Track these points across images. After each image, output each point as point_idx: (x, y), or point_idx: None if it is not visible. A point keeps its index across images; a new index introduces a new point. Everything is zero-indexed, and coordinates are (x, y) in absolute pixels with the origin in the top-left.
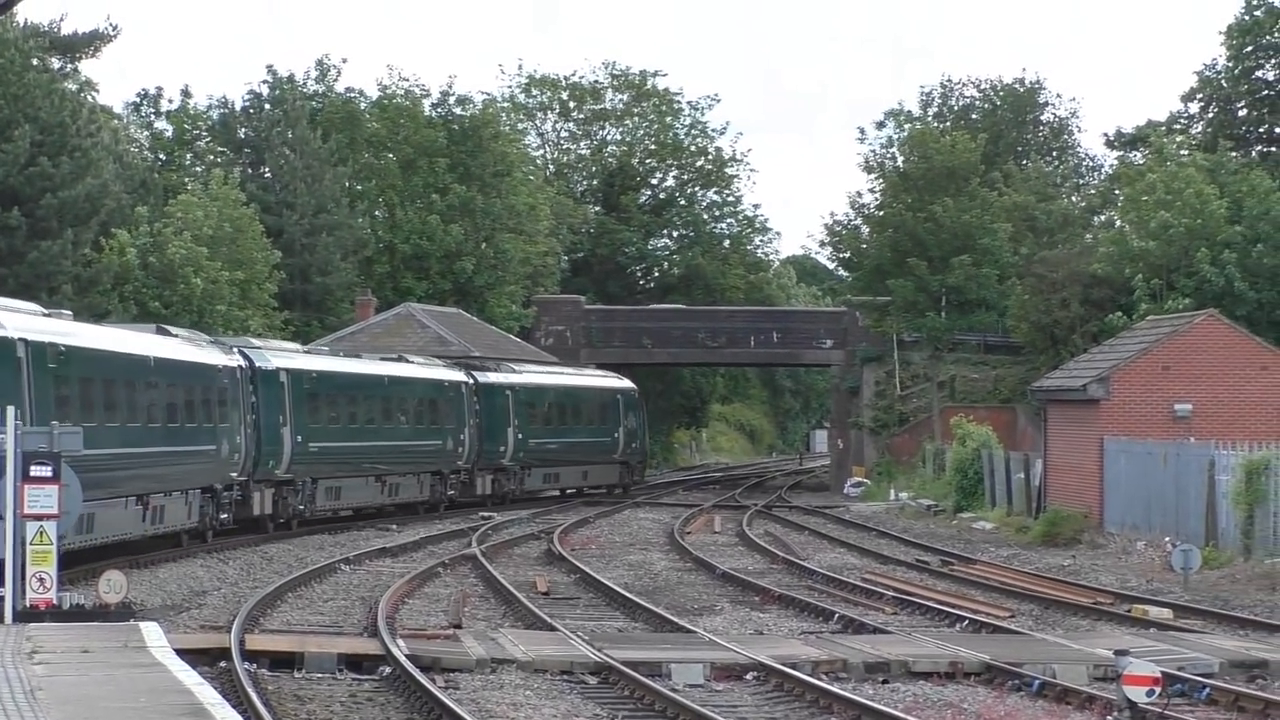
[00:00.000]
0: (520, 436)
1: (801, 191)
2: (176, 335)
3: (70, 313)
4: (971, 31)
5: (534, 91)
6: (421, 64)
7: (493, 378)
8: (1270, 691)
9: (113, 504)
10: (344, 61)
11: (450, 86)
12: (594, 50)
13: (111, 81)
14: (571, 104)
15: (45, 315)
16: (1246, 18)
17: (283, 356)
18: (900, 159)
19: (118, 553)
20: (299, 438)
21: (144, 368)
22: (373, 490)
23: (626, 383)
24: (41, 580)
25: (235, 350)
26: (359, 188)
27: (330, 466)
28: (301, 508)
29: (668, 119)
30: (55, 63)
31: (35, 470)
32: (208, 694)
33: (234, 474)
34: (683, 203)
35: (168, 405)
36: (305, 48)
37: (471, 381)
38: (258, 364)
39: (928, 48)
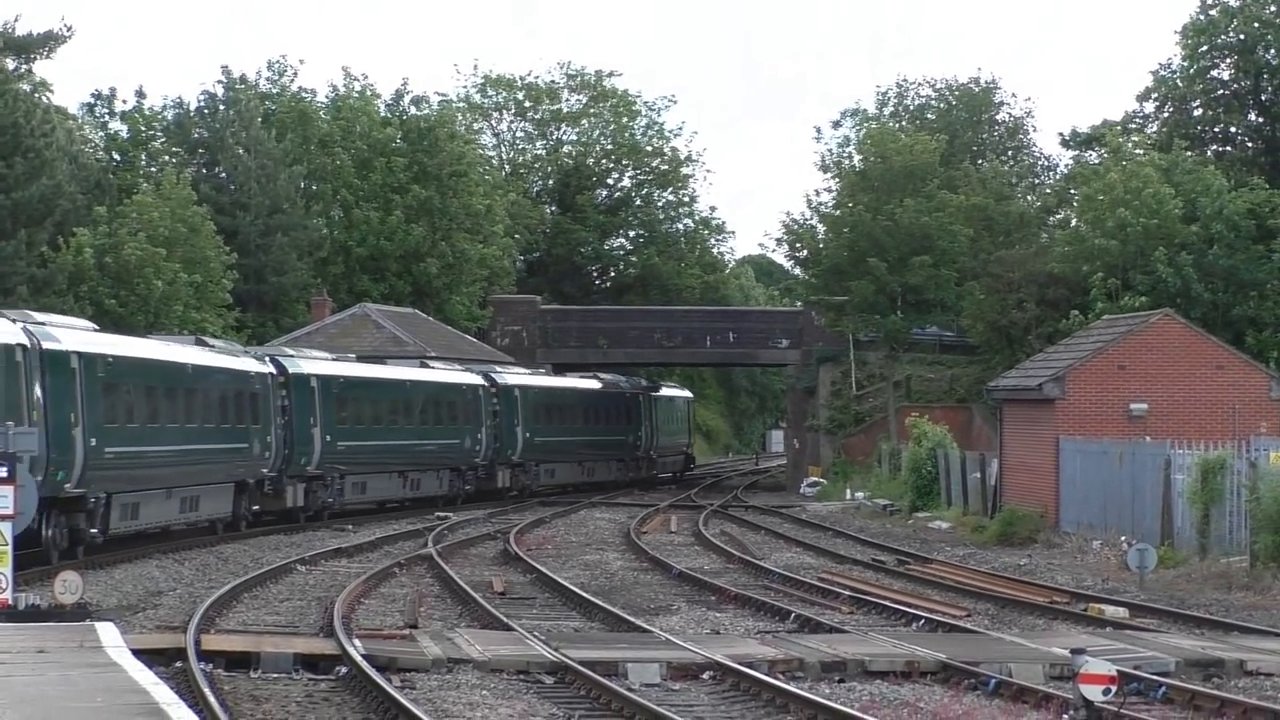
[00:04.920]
0: (662, 434)
1: (779, 178)
2: (435, 366)
3: (354, 355)
4: (929, 31)
5: (490, 91)
6: (377, 64)
7: (665, 392)
8: (1226, 690)
9: (380, 477)
10: (301, 62)
11: (405, 86)
12: (559, 40)
13: (66, 82)
14: (528, 104)
15: (333, 359)
16: (1201, 17)
17: (516, 377)
18: (858, 159)
19: (384, 510)
20: (528, 434)
21: (402, 388)
22: (578, 471)
23: (687, 392)
24: None
25: (480, 374)
26: (315, 188)
27: (551, 455)
28: (529, 483)
29: (624, 120)
30: (9, 63)
31: None
32: (164, 694)
33: (476, 459)
34: (639, 203)
35: (421, 413)
36: (261, 48)
37: (646, 394)
38: (499, 382)
39: (905, 40)
